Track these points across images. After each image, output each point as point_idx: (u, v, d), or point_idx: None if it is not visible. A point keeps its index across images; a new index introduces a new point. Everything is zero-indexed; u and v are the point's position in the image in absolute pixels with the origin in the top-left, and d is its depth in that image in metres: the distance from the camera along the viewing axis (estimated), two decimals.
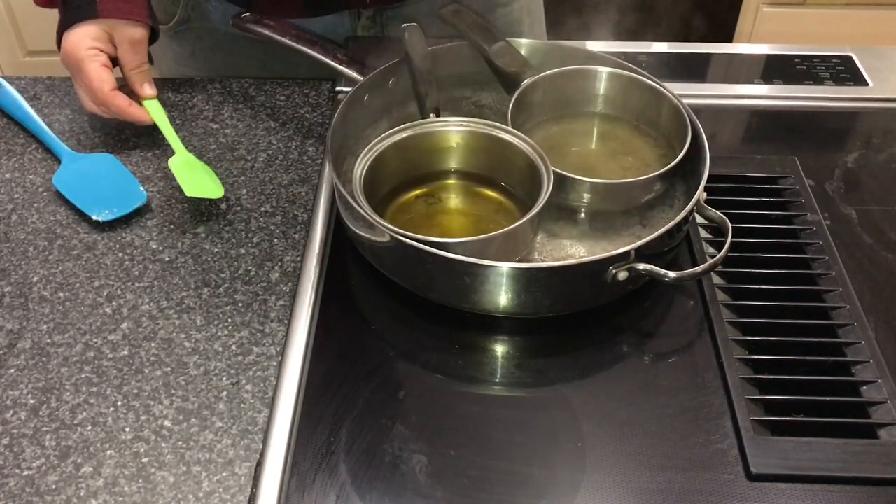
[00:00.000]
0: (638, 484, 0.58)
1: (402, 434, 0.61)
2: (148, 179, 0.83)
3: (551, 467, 0.59)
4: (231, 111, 0.92)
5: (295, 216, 0.79)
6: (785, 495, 0.57)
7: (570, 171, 0.71)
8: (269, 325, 0.70)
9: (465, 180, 0.78)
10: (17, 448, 0.61)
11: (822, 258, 0.73)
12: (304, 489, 0.58)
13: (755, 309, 0.69)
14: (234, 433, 0.62)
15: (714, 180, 0.78)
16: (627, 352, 0.68)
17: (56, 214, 0.80)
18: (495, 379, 0.66)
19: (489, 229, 0.67)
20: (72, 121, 0.91)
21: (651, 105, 0.81)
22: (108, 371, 0.66)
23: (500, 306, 0.66)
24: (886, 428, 0.61)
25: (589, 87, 0.83)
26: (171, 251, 0.76)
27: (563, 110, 0.84)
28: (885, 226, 0.78)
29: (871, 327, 0.67)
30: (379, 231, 0.66)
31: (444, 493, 0.57)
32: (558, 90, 0.82)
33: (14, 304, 0.71)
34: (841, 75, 0.95)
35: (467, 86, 0.88)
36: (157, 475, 0.60)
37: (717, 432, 0.61)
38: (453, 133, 0.76)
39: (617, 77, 0.82)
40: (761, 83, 0.95)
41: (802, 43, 1.04)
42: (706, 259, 0.72)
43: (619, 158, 0.80)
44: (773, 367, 0.65)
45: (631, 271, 0.64)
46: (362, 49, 0.93)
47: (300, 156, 0.86)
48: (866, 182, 0.84)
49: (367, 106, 0.82)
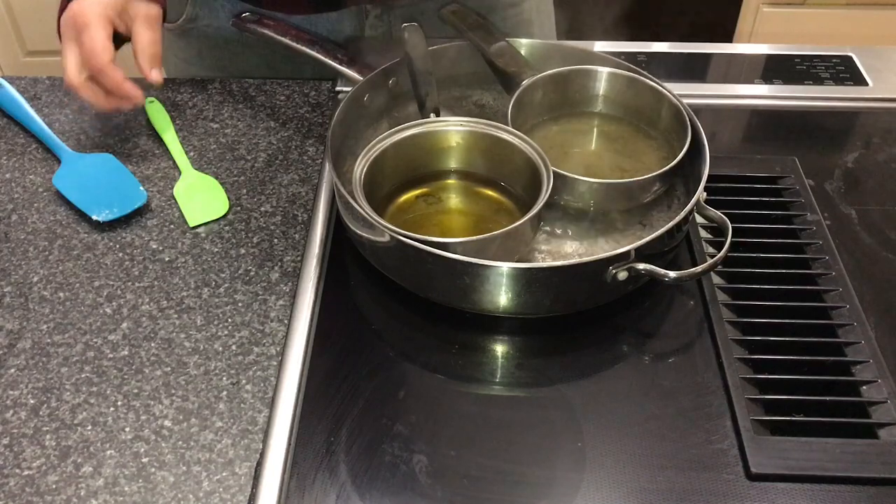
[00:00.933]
0: (638, 484, 0.58)
1: (402, 434, 0.61)
2: (148, 179, 0.83)
3: (551, 467, 0.59)
4: (231, 111, 0.92)
5: (295, 216, 0.79)
6: (785, 495, 0.57)
7: (570, 171, 0.71)
8: (269, 325, 0.70)
9: (465, 180, 0.78)
10: (17, 448, 0.61)
11: (822, 258, 0.73)
12: (304, 489, 0.58)
13: (755, 309, 0.69)
14: (234, 433, 0.62)
15: (714, 180, 0.78)
16: (627, 352, 0.68)
17: (56, 214, 0.80)
18: (495, 379, 0.66)
19: (489, 229, 0.67)
20: (72, 121, 0.91)
21: (651, 105, 0.81)
22: (108, 371, 0.66)
23: (500, 306, 0.66)
24: (886, 428, 0.61)
25: (589, 87, 0.83)
26: (171, 251, 0.76)
27: (563, 110, 0.84)
28: (885, 226, 0.78)
29: (871, 327, 0.67)
30: (379, 231, 0.66)
31: (444, 493, 0.57)
32: (558, 90, 0.82)
33: (14, 304, 0.71)
34: (841, 75, 0.95)
35: (467, 86, 0.88)
36: (157, 475, 0.60)
37: (717, 432, 0.61)
38: (453, 133, 0.76)
39: (617, 77, 0.82)
40: (761, 83, 0.95)
41: (802, 43, 1.04)
42: (706, 259, 0.72)
43: (618, 158, 0.80)
44: (773, 367, 0.65)
45: (631, 271, 0.64)
46: (362, 49, 0.93)
47: (300, 156, 0.86)
48: (866, 182, 0.84)
49: (367, 106, 0.82)
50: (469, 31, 0.85)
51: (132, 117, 0.91)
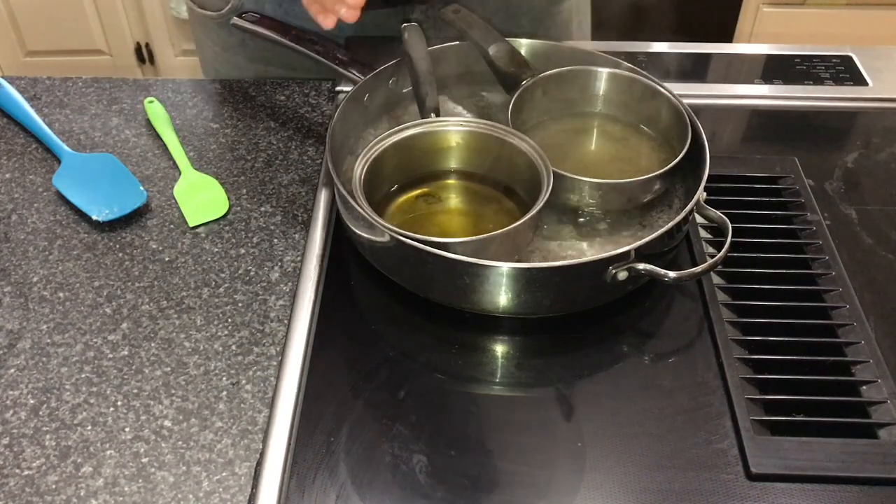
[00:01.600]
0: (638, 484, 0.58)
1: (402, 434, 0.61)
2: (148, 179, 0.83)
3: (551, 467, 0.59)
4: (231, 111, 0.92)
5: (295, 216, 0.79)
6: (785, 495, 0.57)
7: (570, 171, 0.71)
8: (269, 325, 0.70)
9: (465, 180, 0.78)
10: (17, 448, 0.61)
11: (822, 258, 0.73)
12: (304, 489, 0.58)
13: (755, 309, 0.69)
14: (234, 433, 0.62)
15: (714, 180, 0.78)
16: (627, 352, 0.68)
17: (56, 214, 0.80)
18: (495, 379, 0.66)
19: (489, 229, 0.67)
20: (72, 121, 0.91)
21: (651, 105, 0.81)
22: (108, 371, 0.66)
23: (500, 306, 0.66)
24: (886, 428, 0.61)
25: (589, 87, 0.83)
26: (171, 251, 0.76)
27: (563, 110, 0.84)
28: (885, 226, 0.78)
29: (871, 327, 0.67)
30: (379, 231, 0.66)
31: (444, 493, 0.57)
32: (558, 90, 0.82)
33: (14, 304, 0.71)
34: (841, 75, 0.95)
35: (468, 85, 0.88)
36: (157, 475, 0.60)
37: (717, 432, 0.61)
38: (453, 133, 0.76)
39: (617, 77, 0.82)
40: (761, 83, 0.95)
41: (802, 43, 1.04)
42: (706, 259, 0.72)
43: (618, 158, 0.80)
44: (773, 367, 0.65)
45: (631, 271, 0.64)
46: (362, 49, 0.92)
47: (300, 156, 0.86)
48: (866, 182, 0.84)
49: (367, 106, 0.82)
50: (469, 30, 0.85)
51: (132, 117, 0.91)
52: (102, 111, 0.92)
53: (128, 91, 0.95)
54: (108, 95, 0.94)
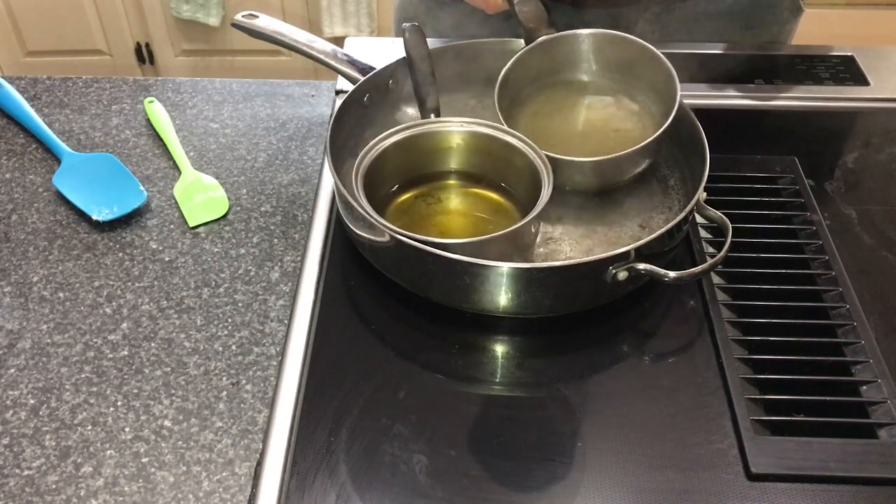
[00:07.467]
0: (638, 484, 0.58)
1: (402, 434, 0.61)
2: (148, 179, 0.83)
3: (551, 467, 0.59)
4: (231, 111, 0.92)
5: (295, 216, 0.79)
6: (785, 495, 0.57)
7: (557, 150, 0.71)
8: (269, 325, 0.70)
9: (465, 180, 0.78)
10: (17, 448, 0.61)
11: (822, 258, 0.73)
12: (304, 489, 0.58)
13: (755, 309, 0.69)
14: (234, 433, 0.62)
15: (714, 180, 0.78)
16: (627, 352, 0.68)
17: (56, 214, 0.80)
18: (495, 379, 0.66)
19: (489, 230, 0.67)
20: (72, 121, 0.91)
21: (639, 67, 0.78)
22: (108, 371, 0.66)
23: (500, 306, 0.66)
24: (886, 428, 0.61)
25: (574, 52, 0.81)
26: (171, 251, 0.76)
27: (550, 77, 0.82)
28: (885, 226, 0.78)
29: (870, 327, 0.67)
30: (379, 231, 0.66)
31: (444, 493, 0.57)
32: (546, 60, 0.81)
33: (14, 304, 0.71)
34: (841, 75, 0.95)
35: (468, 85, 0.88)
36: (157, 475, 0.60)
37: (717, 432, 0.61)
38: (453, 133, 0.76)
39: (603, 38, 0.80)
40: (761, 83, 0.95)
41: (802, 43, 1.04)
42: (706, 259, 0.72)
43: (607, 129, 0.79)
44: (773, 367, 0.65)
45: (631, 271, 0.64)
46: (362, 49, 0.92)
47: (300, 156, 0.86)
48: (866, 182, 0.84)
49: (367, 106, 0.82)
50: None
51: (132, 117, 0.91)
52: (102, 111, 0.92)
53: (128, 91, 0.95)
54: (108, 95, 0.94)
